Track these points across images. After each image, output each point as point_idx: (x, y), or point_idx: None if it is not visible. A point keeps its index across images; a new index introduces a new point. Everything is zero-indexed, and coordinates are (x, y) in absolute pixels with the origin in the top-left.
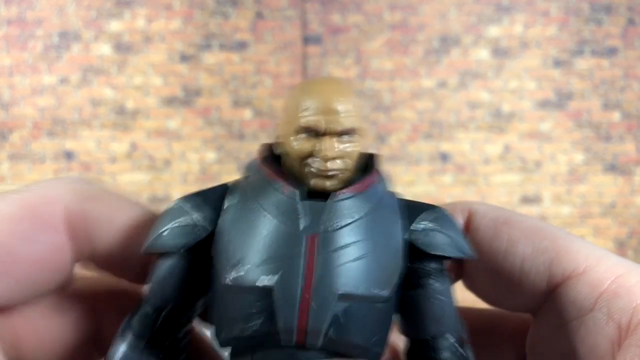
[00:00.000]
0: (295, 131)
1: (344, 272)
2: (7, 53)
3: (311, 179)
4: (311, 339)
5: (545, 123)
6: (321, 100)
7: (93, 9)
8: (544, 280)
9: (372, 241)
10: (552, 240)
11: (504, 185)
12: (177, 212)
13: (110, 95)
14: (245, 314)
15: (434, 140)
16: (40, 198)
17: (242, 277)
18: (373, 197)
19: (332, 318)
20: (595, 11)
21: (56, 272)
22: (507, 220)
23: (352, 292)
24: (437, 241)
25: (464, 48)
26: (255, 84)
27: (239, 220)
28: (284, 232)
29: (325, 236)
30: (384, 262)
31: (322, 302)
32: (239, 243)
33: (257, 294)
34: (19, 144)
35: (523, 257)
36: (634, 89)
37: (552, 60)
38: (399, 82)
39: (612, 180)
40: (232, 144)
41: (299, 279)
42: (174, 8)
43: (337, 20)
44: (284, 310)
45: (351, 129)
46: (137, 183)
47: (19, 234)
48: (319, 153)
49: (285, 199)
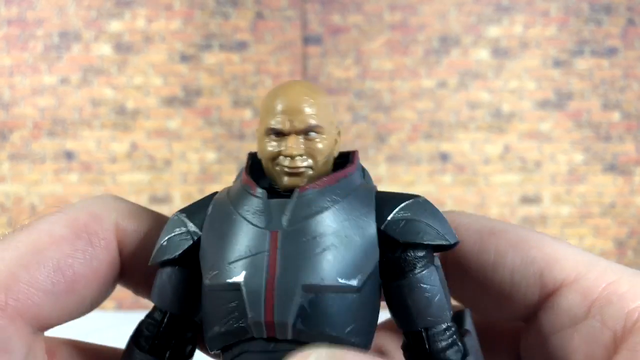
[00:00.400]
0: (265, 133)
1: (307, 263)
2: (8, 53)
3: (283, 177)
4: (280, 330)
5: (545, 123)
6: (285, 102)
7: (93, 9)
8: (536, 291)
9: (338, 233)
10: (539, 248)
11: (503, 185)
12: (175, 223)
13: (111, 95)
14: (222, 312)
15: (434, 140)
16: (89, 216)
17: (216, 275)
18: (343, 190)
19: (299, 310)
20: (595, 11)
21: (110, 286)
22: (492, 231)
23: (316, 283)
24: (414, 230)
25: (464, 48)
26: (255, 84)
27: (216, 225)
28: (251, 231)
29: (288, 230)
30: (353, 252)
31: (285, 294)
32: (215, 246)
33: (230, 291)
34: (19, 144)
35: (512, 268)
36: (634, 89)
37: (552, 60)
38: (399, 82)
39: (612, 180)
40: (232, 144)
41: (263, 273)
42: (174, 8)
43: (337, 20)
44: (252, 304)
45: (315, 126)
46: (137, 183)
47: (78, 253)
48: (285, 152)
49: (256, 200)
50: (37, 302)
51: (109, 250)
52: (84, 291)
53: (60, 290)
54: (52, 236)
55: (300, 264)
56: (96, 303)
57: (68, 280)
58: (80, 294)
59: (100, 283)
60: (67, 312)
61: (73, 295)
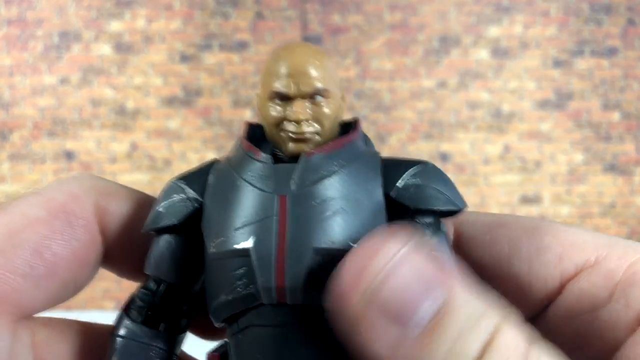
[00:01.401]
0: (269, 97)
1: (318, 227)
2: (8, 53)
3: (288, 143)
4: (291, 295)
5: (545, 123)
6: (290, 64)
7: (93, 9)
8: (556, 277)
9: (347, 197)
10: (554, 235)
11: (503, 185)
12: (172, 189)
13: (111, 95)
14: (229, 279)
15: (434, 140)
16: (67, 196)
17: (222, 242)
18: (349, 155)
19: (310, 273)
20: (595, 11)
21: (93, 266)
22: (502, 222)
23: (327, 247)
24: (425, 195)
25: (464, 48)
26: (255, 84)
27: (219, 191)
28: (258, 196)
29: (296, 194)
30: (362, 217)
31: (297, 258)
32: (219, 212)
33: (237, 257)
34: (19, 144)
35: (529, 257)
36: (634, 89)
37: (552, 61)
38: (399, 82)
39: (612, 180)
40: (232, 144)
41: (273, 238)
42: (174, 8)
43: (337, 20)
44: (262, 269)
45: (322, 90)
46: (137, 183)
47: (57, 235)
48: (291, 116)
49: (260, 165)
50: (16, 288)
51: (89, 230)
52: (66, 274)
53: (40, 273)
54: (27, 218)
55: (311, 227)
56: (79, 286)
57: (48, 263)
58: (61, 277)
59: (82, 265)
60: (51, 297)
61: (54, 279)
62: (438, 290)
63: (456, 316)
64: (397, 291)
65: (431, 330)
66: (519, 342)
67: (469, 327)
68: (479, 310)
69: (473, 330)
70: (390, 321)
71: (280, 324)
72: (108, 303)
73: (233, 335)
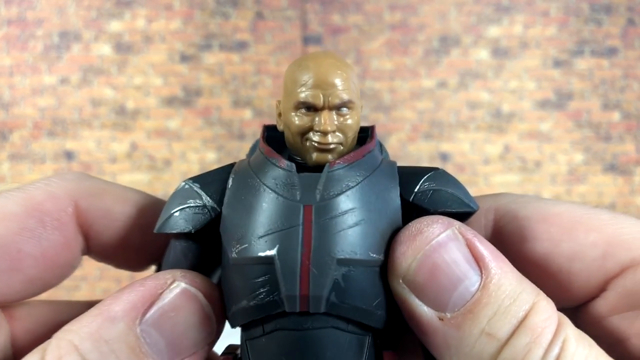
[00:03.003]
0: (295, 107)
1: (341, 238)
2: (8, 53)
3: (312, 153)
4: (314, 304)
5: (545, 123)
6: (318, 75)
7: (93, 9)
8: (599, 276)
9: (368, 208)
10: (599, 230)
11: (504, 185)
12: (188, 193)
13: (111, 95)
14: (251, 286)
15: (434, 140)
16: (46, 195)
17: (245, 249)
18: (369, 165)
19: (333, 283)
20: (595, 11)
21: (65, 267)
22: (543, 216)
23: (350, 257)
24: (442, 198)
25: (464, 48)
26: (255, 84)
27: (241, 196)
28: (282, 204)
29: (321, 205)
30: (381, 227)
31: (321, 268)
32: (242, 218)
33: (261, 264)
34: (19, 144)
35: (570, 255)
36: (634, 89)
37: (552, 60)
38: (399, 82)
39: (612, 180)
40: (232, 144)
41: (299, 247)
42: (174, 8)
43: (337, 20)
44: (286, 277)
45: (349, 102)
46: (137, 183)
47: (27, 232)
48: (319, 127)
49: (283, 173)
50: None
51: (63, 232)
52: (31, 270)
53: (1, 267)
54: (1, 212)
55: (334, 238)
56: (48, 284)
57: (12, 258)
58: (26, 273)
59: (51, 264)
60: (13, 290)
61: (17, 274)
62: (474, 274)
63: (491, 299)
64: (434, 274)
65: (467, 312)
66: (550, 324)
67: (502, 309)
68: (513, 294)
69: (506, 312)
70: (428, 303)
71: (307, 328)
72: None
73: (253, 339)
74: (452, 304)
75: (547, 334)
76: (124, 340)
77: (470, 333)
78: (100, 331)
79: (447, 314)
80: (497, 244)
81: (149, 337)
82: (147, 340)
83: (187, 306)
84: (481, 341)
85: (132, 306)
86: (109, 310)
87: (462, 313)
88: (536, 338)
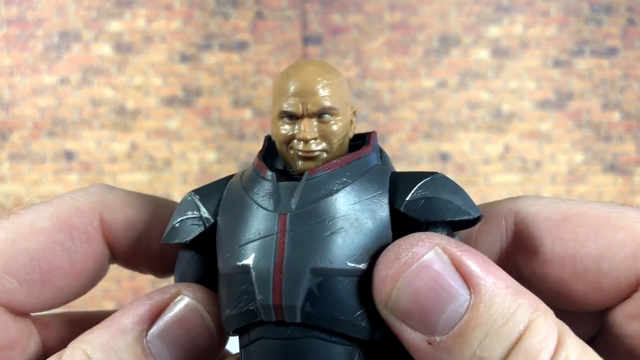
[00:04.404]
0: (278, 116)
1: (316, 247)
2: (8, 53)
3: (297, 161)
4: (288, 314)
5: (545, 123)
6: (297, 83)
7: (93, 9)
8: (629, 276)
9: (348, 216)
10: (628, 228)
11: (503, 185)
12: (188, 205)
13: (111, 95)
14: (234, 294)
15: (434, 140)
16: (73, 210)
17: (227, 258)
18: (355, 172)
19: (307, 292)
20: (595, 11)
21: (93, 277)
22: (566, 217)
23: (324, 267)
24: (434, 207)
25: (464, 48)
26: (255, 84)
27: (230, 208)
28: (260, 214)
29: (296, 213)
30: (363, 236)
31: (294, 278)
32: (229, 228)
33: (240, 273)
34: (19, 144)
35: (598, 256)
36: (634, 89)
37: (552, 60)
38: (399, 82)
39: (612, 180)
40: (232, 144)
41: (272, 256)
42: (174, 8)
43: (337, 20)
44: (260, 287)
45: (329, 108)
46: (137, 183)
47: (57, 246)
48: (298, 135)
49: (265, 183)
50: (8, 289)
51: (91, 245)
52: (61, 282)
53: (34, 279)
54: (33, 227)
55: (309, 247)
56: (77, 294)
57: (43, 271)
58: (56, 285)
59: (79, 275)
60: (44, 301)
61: (48, 285)
62: (462, 294)
63: (481, 320)
64: (418, 299)
65: (456, 335)
66: (547, 345)
67: (494, 331)
68: (506, 313)
69: (498, 334)
70: (415, 328)
71: (288, 337)
72: (108, 303)
73: (244, 346)
74: (440, 328)
75: (544, 356)
76: (131, 350)
77: (461, 357)
78: (110, 342)
79: (436, 337)
80: (519, 248)
81: (154, 348)
82: (152, 350)
83: (190, 319)
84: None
85: (140, 319)
86: (120, 322)
87: (451, 337)
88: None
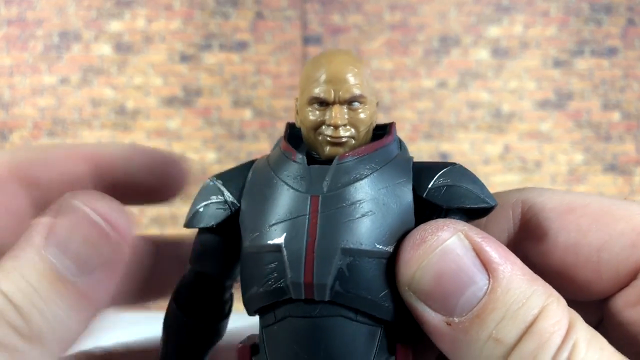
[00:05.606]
0: (308, 102)
1: (347, 228)
2: (7, 53)
3: (325, 147)
4: (318, 292)
5: (545, 123)
6: (330, 71)
7: (93, 9)
8: (628, 265)
9: (376, 200)
10: (628, 219)
11: (504, 185)
12: (212, 189)
13: (111, 95)
14: (261, 272)
15: (434, 140)
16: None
17: (257, 237)
18: (381, 159)
19: (337, 272)
20: (595, 11)
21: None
22: (571, 207)
23: (355, 247)
24: (456, 194)
25: (464, 48)
26: (255, 84)
27: (257, 189)
28: (292, 195)
29: (328, 195)
30: (390, 219)
31: (325, 257)
32: (257, 208)
33: (270, 252)
34: (19, 144)
35: (599, 246)
36: (634, 89)
37: (552, 60)
38: (399, 82)
39: (612, 180)
40: (232, 144)
41: (304, 235)
42: (174, 8)
43: (337, 20)
44: (292, 265)
45: (359, 96)
46: None
47: None
48: (329, 121)
49: (295, 166)
50: None
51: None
52: None
53: None
54: None
55: (340, 228)
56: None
57: None
58: None
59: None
60: None
61: None
62: (481, 279)
63: (498, 303)
64: (439, 281)
65: (474, 317)
66: (559, 328)
67: (510, 314)
68: (522, 298)
69: (514, 317)
70: (435, 309)
71: (316, 315)
72: None
73: (268, 326)
74: (459, 309)
75: (556, 339)
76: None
77: (477, 338)
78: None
79: (454, 318)
80: (524, 237)
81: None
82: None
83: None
84: (489, 346)
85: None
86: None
87: (469, 318)
88: (544, 343)
